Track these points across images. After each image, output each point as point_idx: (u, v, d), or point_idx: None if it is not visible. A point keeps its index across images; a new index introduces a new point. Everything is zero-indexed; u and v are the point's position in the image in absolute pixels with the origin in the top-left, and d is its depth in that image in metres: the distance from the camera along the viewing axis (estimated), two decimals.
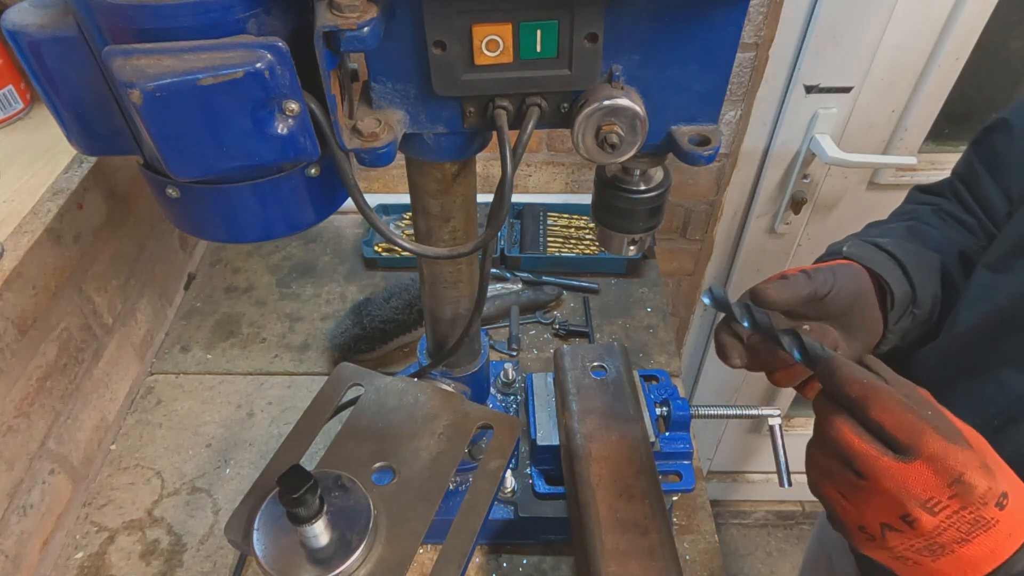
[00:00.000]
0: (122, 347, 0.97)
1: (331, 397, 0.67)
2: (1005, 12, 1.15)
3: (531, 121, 0.45)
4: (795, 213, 1.39)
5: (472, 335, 0.69)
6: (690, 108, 0.47)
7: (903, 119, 1.27)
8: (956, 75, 1.20)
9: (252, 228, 0.47)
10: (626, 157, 0.47)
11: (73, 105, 0.43)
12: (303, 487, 0.49)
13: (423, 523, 0.56)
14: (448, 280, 0.63)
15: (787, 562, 2.06)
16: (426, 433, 0.63)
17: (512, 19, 0.41)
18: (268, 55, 0.37)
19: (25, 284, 0.75)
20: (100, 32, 0.38)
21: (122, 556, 0.83)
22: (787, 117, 1.26)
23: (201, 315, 1.12)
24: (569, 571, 0.80)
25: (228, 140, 0.39)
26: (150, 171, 0.45)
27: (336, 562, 0.52)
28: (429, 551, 0.81)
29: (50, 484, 0.82)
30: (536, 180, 1.36)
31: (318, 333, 1.08)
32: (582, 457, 0.74)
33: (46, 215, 0.79)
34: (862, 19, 1.13)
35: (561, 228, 1.22)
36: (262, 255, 1.23)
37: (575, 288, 1.14)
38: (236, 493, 0.89)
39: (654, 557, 0.66)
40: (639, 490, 0.71)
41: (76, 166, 0.85)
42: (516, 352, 1.04)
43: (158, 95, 0.35)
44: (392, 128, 0.45)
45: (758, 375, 1.82)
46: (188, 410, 0.98)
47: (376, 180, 1.36)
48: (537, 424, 0.82)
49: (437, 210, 0.56)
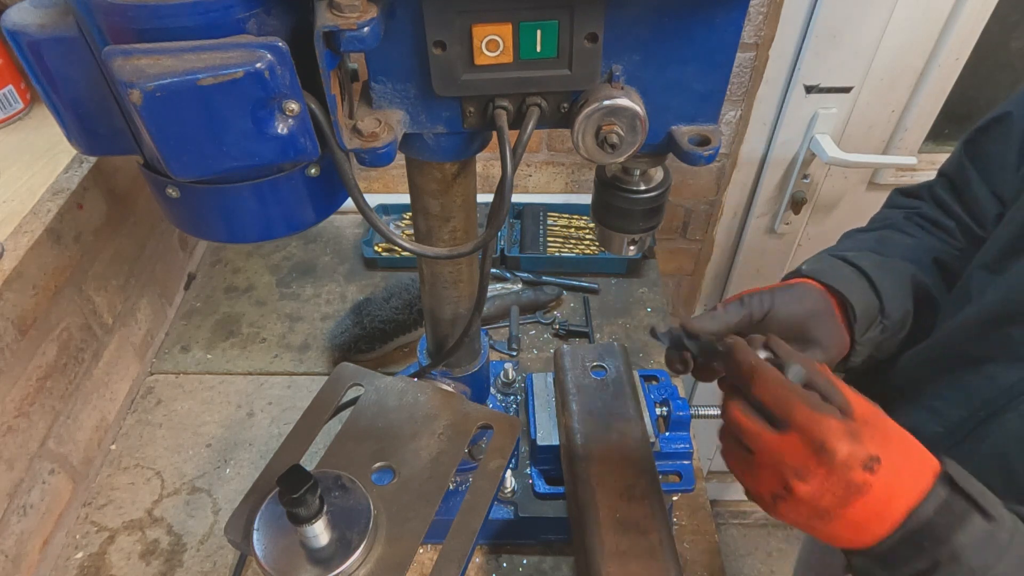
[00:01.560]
0: (122, 347, 0.97)
1: (331, 397, 0.67)
2: (1005, 12, 1.15)
3: (531, 121, 0.45)
4: (795, 213, 1.39)
5: (472, 335, 0.69)
6: (690, 108, 0.47)
7: (903, 119, 1.27)
8: (956, 75, 1.20)
9: (252, 228, 0.47)
10: (626, 157, 0.47)
11: (73, 105, 0.43)
12: (303, 487, 0.49)
13: (423, 523, 0.56)
14: (448, 280, 0.63)
15: (787, 562, 2.06)
16: (426, 433, 0.63)
17: (512, 19, 0.41)
18: (268, 55, 0.37)
19: (25, 284, 0.75)
20: (100, 32, 0.38)
21: (122, 556, 0.83)
22: (787, 117, 1.25)
23: (201, 315, 1.12)
24: (569, 571, 0.80)
25: (228, 140, 0.39)
26: (150, 171, 0.45)
27: (336, 562, 0.52)
28: (429, 551, 0.81)
29: (50, 484, 0.82)
30: (536, 180, 1.36)
31: (318, 333, 1.08)
32: (582, 457, 0.74)
33: (46, 215, 0.79)
34: (862, 19, 1.13)
35: (561, 228, 1.22)
36: (262, 255, 1.23)
37: (575, 288, 1.14)
38: (236, 493, 0.88)
39: (654, 557, 0.66)
40: (639, 490, 0.71)
41: (76, 166, 0.85)
42: (516, 352, 1.04)
43: (158, 95, 0.35)
44: (392, 128, 0.45)
45: None
46: (188, 410, 0.98)
47: (376, 180, 1.36)
48: (537, 424, 0.82)
49: (437, 210, 0.56)
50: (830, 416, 0.45)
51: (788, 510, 0.47)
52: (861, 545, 0.46)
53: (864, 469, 0.44)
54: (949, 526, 0.43)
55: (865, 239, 0.75)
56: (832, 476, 0.44)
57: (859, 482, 0.44)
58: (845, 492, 0.45)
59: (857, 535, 0.46)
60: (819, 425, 0.45)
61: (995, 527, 0.44)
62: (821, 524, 0.47)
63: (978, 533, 0.43)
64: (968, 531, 0.43)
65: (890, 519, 0.45)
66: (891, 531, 0.45)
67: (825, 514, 0.46)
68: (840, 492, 0.45)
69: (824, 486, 0.45)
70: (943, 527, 0.43)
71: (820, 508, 0.46)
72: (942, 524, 0.43)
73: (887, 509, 0.45)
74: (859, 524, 0.46)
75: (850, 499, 0.45)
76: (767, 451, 0.47)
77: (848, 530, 0.46)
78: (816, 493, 0.45)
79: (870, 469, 0.44)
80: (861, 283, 0.66)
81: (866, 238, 0.76)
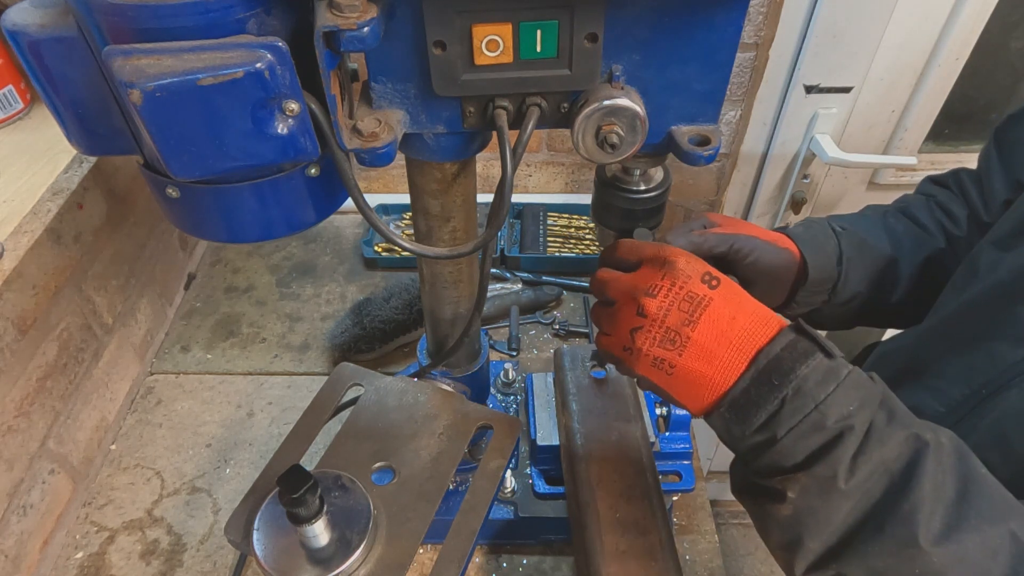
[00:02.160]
0: (122, 347, 0.97)
1: (331, 397, 0.67)
2: (1005, 12, 1.15)
3: (531, 121, 0.45)
4: (795, 213, 1.39)
5: (472, 335, 0.69)
6: (690, 108, 0.47)
7: (903, 119, 1.27)
8: (956, 75, 1.20)
9: (252, 228, 0.47)
10: (626, 157, 0.47)
11: (73, 105, 0.43)
12: (303, 487, 0.49)
13: (423, 523, 0.56)
14: (448, 280, 0.63)
15: None
16: (426, 433, 0.63)
17: (512, 19, 0.41)
18: (268, 55, 0.37)
19: (25, 284, 0.75)
20: (100, 32, 0.38)
21: (122, 556, 0.83)
22: (787, 117, 1.25)
23: (201, 315, 1.12)
24: (569, 571, 0.80)
25: (228, 140, 0.39)
26: (150, 171, 0.45)
27: (336, 562, 0.52)
28: (429, 551, 0.81)
29: (50, 484, 0.82)
30: (536, 180, 1.36)
31: (318, 333, 1.08)
32: (582, 457, 0.74)
33: (46, 215, 0.79)
34: (862, 19, 1.13)
35: (561, 228, 1.22)
36: (262, 255, 1.23)
37: (575, 288, 1.14)
38: (236, 493, 0.88)
39: (654, 557, 0.66)
40: (639, 490, 0.71)
41: (76, 166, 0.85)
42: (516, 352, 1.04)
43: (158, 95, 0.35)
44: (392, 128, 0.45)
45: None
46: (188, 410, 0.98)
47: (376, 180, 1.36)
48: (537, 424, 0.82)
49: (437, 210, 0.56)
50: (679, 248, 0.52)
51: (644, 339, 0.50)
52: (718, 395, 0.48)
53: (703, 282, 0.49)
54: (794, 359, 0.46)
55: (869, 217, 0.79)
56: (675, 287, 0.49)
57: (700, 294, 0.49)
58: (690, 307, 0.48)
59: (711, 367, 0.48)
60: (664, 249, 0.51)
61: (835, 363, 0.46)
62: (676, 355, 0.49)
63: (820, 367, 0.46)
64: (811, 364, 0.46)
65: (740, 352, 0.48)
66: (743, 372, 0.47)
67: (676, 337, 0.49)
68: (686, 307, 0.49)
69: (669, 298, 0.49)
70: (789, 361, 0.46)
71: (671, 329, 0.49)
72: (788, 359, 0.46)
73: (730, 330, 0.48)
74: (710, 351, 0.48)
75: (696, 314, 0.48)
76: (622, 289, 0.52)
77: (701, 360, 0.48)
78: (663, 306, 0.49)
79: (708, 284, 0.49)
80: (831, 261, 0.72)
81: (871, 216, 0.79)
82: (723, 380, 0.48)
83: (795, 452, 0.46)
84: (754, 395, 0.47)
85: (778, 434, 0.46)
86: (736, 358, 0.48)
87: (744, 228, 0.70)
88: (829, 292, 0.73)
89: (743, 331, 0.48)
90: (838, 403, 0.45)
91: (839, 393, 0.45)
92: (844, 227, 0.75)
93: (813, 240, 0.72)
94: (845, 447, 0.45)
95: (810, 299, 0.73)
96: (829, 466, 0.45)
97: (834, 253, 0.72)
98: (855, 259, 0.73)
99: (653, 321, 0.49)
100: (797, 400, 0.45)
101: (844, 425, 0.45)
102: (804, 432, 0.45)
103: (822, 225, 0.75)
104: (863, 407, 0.45)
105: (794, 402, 0.45)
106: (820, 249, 0.72)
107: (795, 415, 0.45)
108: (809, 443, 0.45)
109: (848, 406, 0.45)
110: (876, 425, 0.45)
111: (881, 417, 0.46)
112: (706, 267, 0.50)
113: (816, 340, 0.47)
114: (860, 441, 0.45)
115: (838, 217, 0.78)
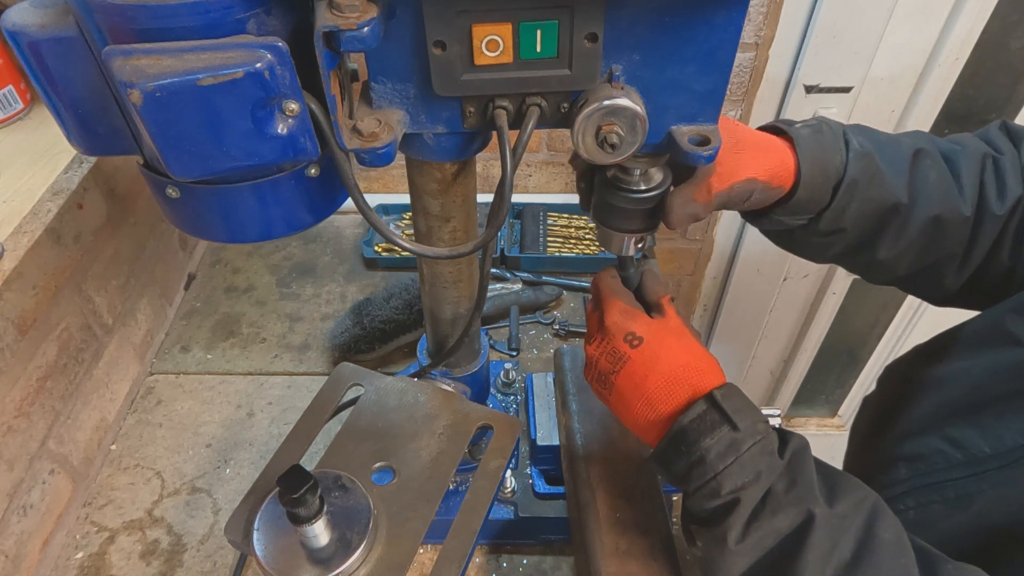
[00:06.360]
0: (122, 347, 0.97)
1: (331, 397, 0.67)
2: (1005, 12, 1.15)
3: (531, 121, 0.45)
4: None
5: (472, 335, 0.69)
6: (690, 108, 0.47)
7: (903, 119, 1.27)
8: (956, 75, 1.20)
9: (252, 228, 0.47)
10: (626, 157, 0.47)
11: (73, 105, 0.43)
12: (303, 487, 0.49)
13: (423, 523, 0.56)
14: (448, 280, 0.63)
15: None
16: (426, 433, 0.63)
17: (512, 19, 0.41)
18: (268, 55, 0.37)
19: (25, 284, 0.75)
20: (100, 32, 0.38)
21: (122, 556, 0.83)
22: (787, 117, 1.25)
23: (201, 315, 1.12)
24: (569, 571, 0.80)
25: (228, 140, 0.39)
26: (150, 171, 0.45)
27: (336, 562, 0.52)
28: (429, 551, 0.81)
29: (50, 484, 0.82)
30: (536, 180, 1.36)
31: (318, 333, 1.08)
32: (582, 457, 0.74)
33: (46, 215, 0.79)
34: (862, 19, 1.13)
35: (561, 228, 1.22)
36: (262, 255, 1.23)
37: (575, 288, 1.14)
38: (236, 493, 0.89)
39: (654, 557, 0.66)
40: (639, 490, 0.71)
41: (76, 166, 0.85)
42: (516, 352, 1.04)
43: (158, 95, 0.35)
44: (392, 128, 0.45)
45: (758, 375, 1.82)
46: (188, 410, 0.98)
47: (376, 180, 1.36)
48: (537, 424, 0.82)
49: (437, 210, 0.56)
50: (622, 301, 0.58)
51: (588, 375, 0.60)
52: (644, 439, 0.58)
53: (624, 341, 0.56)
54: (700, 432, 0.52)
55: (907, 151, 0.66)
56: (604, 341, 0.57)
57: (620, 351, 0.56)
58: (613, 358, 0.56)
59: (630, 413, 0.56)
60: (608, 303, 0.58)
61: (739, 436, 0.51)
62: (607, 392, 0.58)
63: (723, 440, 0.51)
64: (716, 437, 0.51)
65: (652, 408, 0.55)
66: (660, 435, 0.55)
67: (606, 380, 0.57)
68: (611, 358, 0.57)
69: (600, 348, 0.57)
70: (694, 433, 0.52)
71: (601, 373, 0.58)
72: (694, 431, 0.52)
73: (642, 386, 0.55)
74: (627, 400, 0.56)
75: (617, 367, 0.56)
76: (589, 323, 0.62)
77: (621, 405, 0.57)
78: (596, 354, 0.58)
79: (630, 343, 0.56)
80: (828, 182, 0.60)
81: (909, 150, 0.66)
82: (642, 428, 0.57)
83: (698, 511, 0.53)
84: (670, 455, 0.54)
85: (687, 491, 0.54)
86: (648, 412, 0.55)
87: (743, 164, 0.58)
88: (810, 217, 0.62)
89: (654, 390, 0.55)
90: (734, 475, 0.51)
91: (735, 467, 0.51)
92: (863, 147, 0.62)
93: (816, 155, 0.60)
94: (738, 513, 0.50)
95: (787, 219, 0.62)
96: (722, 529, 0.51)
97: (835, 175, 0.60)
98: (857, 193, 0.61)
99: (591, 361, 0.59)
100: (699, 468, 0.52)
101: (737, 496, 0.50)
102: (704, 496, 0.52)
103: (835, 136, 0.62)
104: (759, 479, 0.50)
105: (697, 469, 0.52)
106: (821, 170, 0.60)
107: (697, 480, 0.52)
108: (707, 505, 0.52)
109: (744, 478, 0.50)
110: (774, 493, 0.50)
111: (781, 486, 0.50)
112: (632, 330, 0.56)
113: (725, 413, 0.52)
114: (754, 508, 0.50)
115: (867, 132, 0.66)
